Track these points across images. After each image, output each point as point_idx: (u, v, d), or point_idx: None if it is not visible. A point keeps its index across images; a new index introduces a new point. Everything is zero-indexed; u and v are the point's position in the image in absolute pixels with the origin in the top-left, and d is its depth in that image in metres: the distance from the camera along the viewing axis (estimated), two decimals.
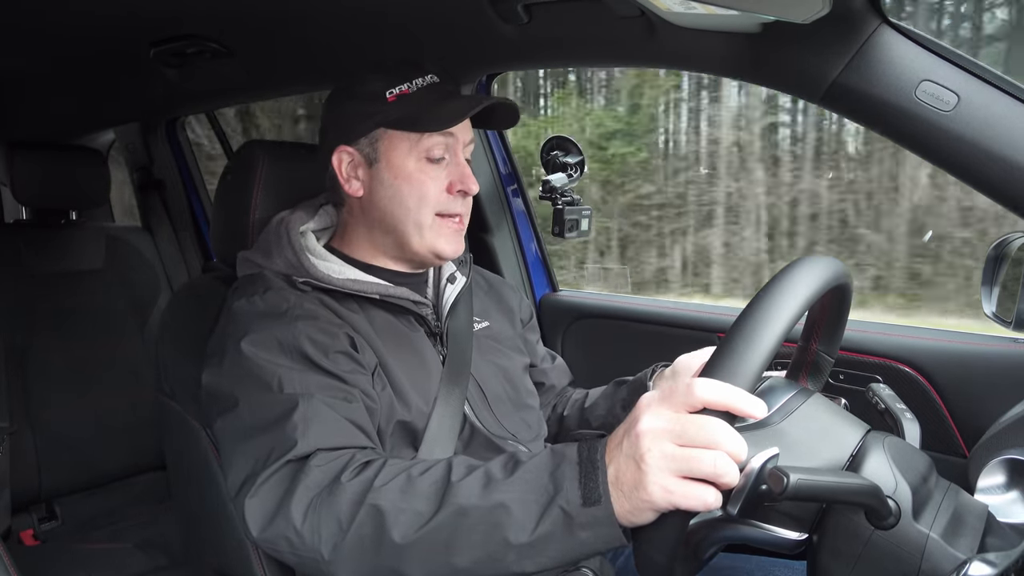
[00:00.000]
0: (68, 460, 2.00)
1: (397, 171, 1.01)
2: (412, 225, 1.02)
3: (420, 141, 1.00)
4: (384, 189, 1.03)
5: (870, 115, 0.96)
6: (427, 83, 1.02)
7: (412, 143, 1.01)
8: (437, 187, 1.02)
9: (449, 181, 1.02)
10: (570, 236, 1.62)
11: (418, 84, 1.02)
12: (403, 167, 1.01)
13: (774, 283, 0.66)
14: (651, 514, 0.63)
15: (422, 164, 1.01)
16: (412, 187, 1.01)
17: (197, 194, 2.48)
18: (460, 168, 1.03)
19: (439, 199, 1.02)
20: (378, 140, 1.02)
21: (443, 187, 1.02)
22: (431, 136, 1.00)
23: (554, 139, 1.64)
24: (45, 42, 1.41)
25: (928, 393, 1.21)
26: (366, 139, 1.03)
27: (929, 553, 0.64)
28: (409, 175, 1.01)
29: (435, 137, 1.00)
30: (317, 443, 0.82)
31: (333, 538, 0.75)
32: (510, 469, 0.71)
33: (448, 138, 1.02)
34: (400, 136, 1.01)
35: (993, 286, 1.09)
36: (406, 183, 1.01)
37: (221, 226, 1.20)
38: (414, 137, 1.00)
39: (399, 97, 1.01)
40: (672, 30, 1.04)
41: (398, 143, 1.01)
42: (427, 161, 1.01)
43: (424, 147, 1.01)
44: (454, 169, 1.03)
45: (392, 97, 1.01)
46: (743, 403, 0.61)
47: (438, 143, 1.01)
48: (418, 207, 1.02)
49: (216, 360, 0.93)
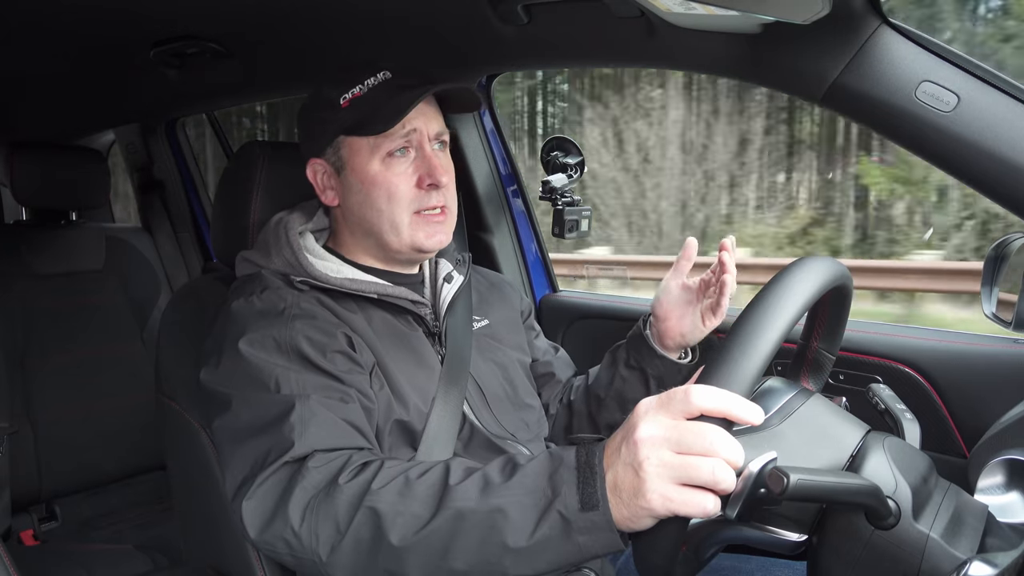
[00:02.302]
0: (68, 460, 2.00)
1: (363, 175, 1.01)
2: (388, 225, 1.02)
3: (379, 142, 1.00)
4: (355, 195, 1.03)
5: (870, 116, 0.96)
6: (378, 82, 1.00)
7: (372, 145, 1.00)
8: (406, 184, 1.01)
9: (418, 176, 1.01)
10: (570, 236, 1.62)
11: (369, 84, 1.00)
12: (368, 170, 1.01)
13: (771, 286, 0.66)
14: (649, 520, 0.63)
15: (386, 163, 1.00)
16: (380, 189, 1.00)
17: (197, 194, 2.48)
18: (428, 160, 1.01)
19: (411, 196, 1.01)
20: (340, 148, 1.02)
21: (412, 183, 1.01)
22: (388, 134, 0.99)
23: (554, 139, 1.64)
24: (45, 42, 1.41)
25: (928, 393, 1.21)
26: (331, 148, 1.03)
27: (929, 553, 0.64)
28: (375, 177, 1.00)
29: (393, 134, 0.99)
30: (314, 444, 0.82)
31: (331, 540, 0.75)
32: (508, 473, 0.71)
33: (409, 132, 1.00)
34: (359, 141, 1.01)
35: (993, 286, 1.09)
36: (373, 186, 1.01)
37: (221, 226, 1.20)
38: (372, 139, 1.00)
39: (351, 101, 1.00)
40: (672, 30, 1.04)
41: (358, 148, 1.01)
42: (390, 158, 1.00)
43: (384, 147, 1.00)
44: (421, 163, 1.01)
45: (345, 103, 1.00)
46: (740, 409, 0.61)
47: (397, 139, 1.00)
48: (390, 207, 1.01)
49: (214, 360, 0.93)
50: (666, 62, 1.21)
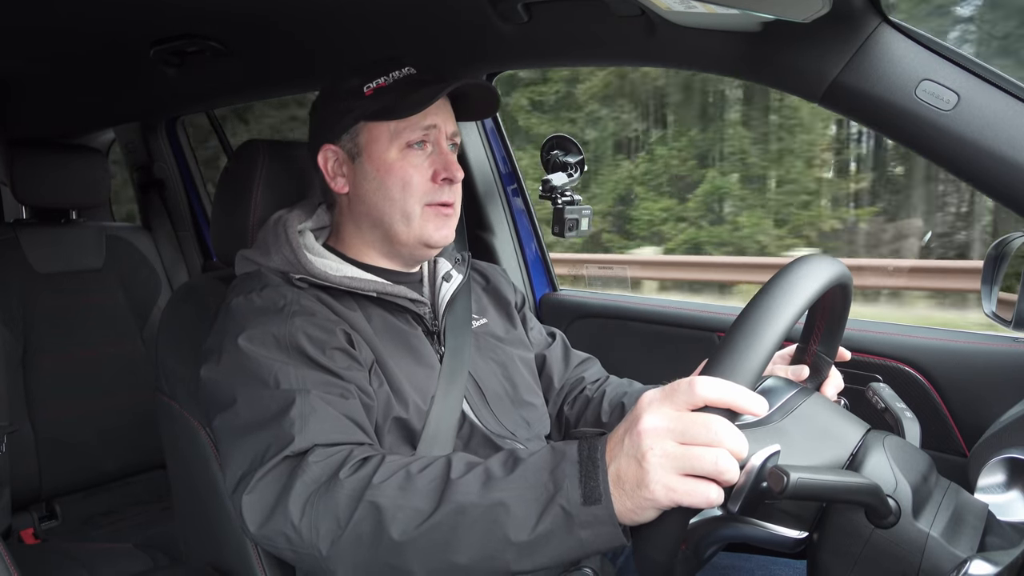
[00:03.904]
0: (68, 459, 2.00)
1: (379, 163, 1.02)
2: (399, 214, 1.03)
3: (399, 131, 1.01)
4: (368, 182, 1.03)
5: (870, 115, 0.96)
6: (404, 75, 1.03)
7: (392, 133, 1.01)
8: (421, 176, 1.02)
9: (433, 170, 1.03)
10: (570, 235, 1.62)
11: (394, 76, 1.03)
12: (385, 158, 1.02)
13: (775, 281, 0.66)
14: (653, 512, 0.63)
15: (404, 153, 1.02)
16: (395, 177, 1.02)
17: (197, 193, 2.48)
18: (444, 156, 1.03)
19: (424, 188, 1.02)
20: (359, 134, 1.03)
21: (427, 176, 1.02)
22: (410, 124, 1.01)
23: (554, 138, 1.64)
24: (46, 41, 1.41)
25: (928, 393, 1.21)
26: (347, 135, 1.04)
27: (929, 552, 0.64)
28: (391, 165, 1.01)
29: (414, 125, 1.01)
30: (314, 439, 0.82)
31: (331, 534, 0.75)
32: (510, 467, 0.71)
33: (429, 127, 1.02)
34: (379, 127, 1.02)
35: (993, 286, 1.09)
36: (389, 174, 1.02)
37: (221, 225, 1.20)
38: (393, 127, 1.01)
39: (376, 90, 1.02)
40: (672, 29, 1.04)
41: (378, 135, 1.02)
42: (408, 149, 1.02)
43: (404, 136, 1.01)
44: (437, 158, 1.03)
45: (369, 91, 1.02)
46: (744, 400, 0.61)
47: (417, 131, 1.01)
48: (403, 196, 1.02)
49: (214, 357, 0.93)
50: (666, 61, 1.21)
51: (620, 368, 1.32)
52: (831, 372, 0.93)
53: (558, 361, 1.27)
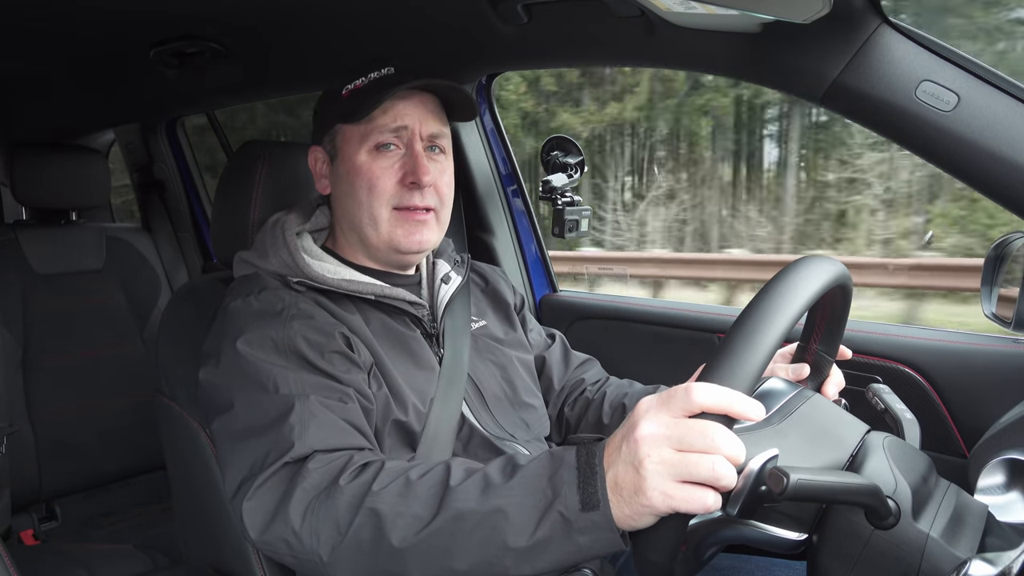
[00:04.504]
0: (68, 460, 2.00)
1: (350, 164, 1.03)
2: (367, 218, 1.02)
3: (368, 132, 1.01)
4: (341, 183, 1.04)
5: (870, 115, 0.96)
6: (381, 76, 1.02)
7: (361, 135, 1.02)
8: (389, 179, 1.01)
9: (402, 172, 1.02)
10: (570, 236, 1.62)
11: (372, 77, 1.02)
12: (354, 159, 1.02)
13: (772, 285, 0.66)
14: (651, 518, 0.63)
15: (372, 155, 1.01)
16: (362, 179, 1.01)
17: (197, 194, 2.48)
18: (415, 159, 1.01)
19: (392, 192, 1.01)
20: (336, 136, 1.05)
21: (396, 179, 1.02)
22: (378, 126, 1.01)
23: (554, 139, 1.64)
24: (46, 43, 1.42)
25: (928, 393, 1.21)
26: (327, 136, 1.06)
27: (929, 553, 0.63)
28: (359, 167, 1.02)
29: (382, 127, 1.00)
30: (314, 445, 0.81)
31: (331, 541, 0.75)
32: (509, 473, 0.71)
33: (399, 128, 1.01)
34: (351, 129, 1.03)
35: (993, 286, 1.09)
36: (357, 175, 1.02)
37: (221, 226, 1.20)
38: (363, 129, 1.01)
39: (352, 92, 1.03)
40: (672, 30, 1.04)
41: (350, 136, 1.03)
42: (377, 151, 1.01)
43: (372, 138, 1.01)
44: (408, 160, 1.02)
45: (346, 93, 1.03)
46: (741, 406, 0.61)
47: (386, 132, 1.01)
48: (369, 199, 1.01)
49: (212, 360, 0.93)
50: (666, 62, 1.21)
51: (620, 369, 1.32)
52: (832, 370, 0.92)
53: (558, 363, 1.27)
